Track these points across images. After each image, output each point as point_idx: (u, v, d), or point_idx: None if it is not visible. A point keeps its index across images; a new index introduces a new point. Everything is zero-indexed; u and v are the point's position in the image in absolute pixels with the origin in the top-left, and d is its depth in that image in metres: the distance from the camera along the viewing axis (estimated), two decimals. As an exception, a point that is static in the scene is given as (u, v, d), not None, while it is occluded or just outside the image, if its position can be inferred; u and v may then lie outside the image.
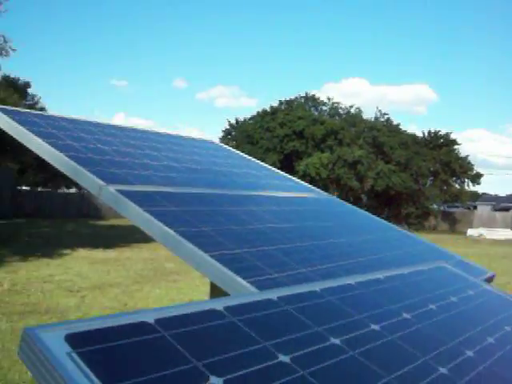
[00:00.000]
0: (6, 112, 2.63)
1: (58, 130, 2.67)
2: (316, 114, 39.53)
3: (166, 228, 1.87)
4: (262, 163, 3.88)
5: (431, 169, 38.61)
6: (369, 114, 58.69)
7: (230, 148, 3.91)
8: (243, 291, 1.65)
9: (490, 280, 2.59)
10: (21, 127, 2.46)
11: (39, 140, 2.38)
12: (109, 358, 0.82)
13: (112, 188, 2.09)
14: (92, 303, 8.87)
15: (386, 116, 39.89)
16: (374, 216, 3.35)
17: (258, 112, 41.14)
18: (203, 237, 1.92)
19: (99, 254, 15.02)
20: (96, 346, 0.83)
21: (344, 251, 2.30)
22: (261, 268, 1.85)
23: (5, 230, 19.95)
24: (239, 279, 1.69)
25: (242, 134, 40.15)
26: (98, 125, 3.08)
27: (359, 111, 39.98)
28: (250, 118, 41.61)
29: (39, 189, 33.85)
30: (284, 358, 1.00)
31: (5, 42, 14.56)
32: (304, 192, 3.44)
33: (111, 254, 15.00)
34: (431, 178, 39.29)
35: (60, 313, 8.08)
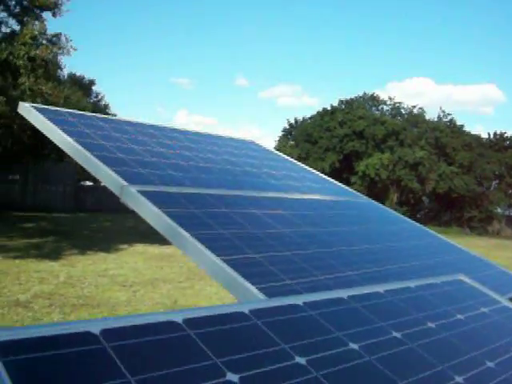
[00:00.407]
0: (40, 110, 2.69)
1: (92, 128, 2.70)
2: (377, 113, 38.95)
3: (180, 230, 1.86)
4: (302, 166, 3.82)
5: (496, 172, 37.39)
6: (433, 115, 57.40)
7: (270, 148, 3.87)
8: (251, 298, 1.62)
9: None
10: (51, 125, 2.50)
11: (66, 137, 2.41)
12: (35, 368, 0.78)
13: (133, 188, 2.09)
14: (143, 298, 9.02)
15: (449, 116, 38.93)
16: (408, 219, 3.25)
17: (318, 111, 40.91)
18: (218, 240, 1.90)
19: (155, 249, 15.27)
20: (23, 356, 0.80)
21: (366, 258, 2.24)
22: (275, 274, 1.82)
23: (67, 224, 20.57)
24: (248, 285, 1.66)
25: (301, 134, 40.02)
26: (134, 124, 3.10)
27: (422, 111, 39.15)
28: (310, 118, 41.42)
29: (102, 184, 34.68)
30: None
31: (66, 41, 14.99)
32: (342, 195, 3.37)
33: (167, 250, 15.21)
34: (496, 182, 38.04)
35: (111, 306, 8.26)
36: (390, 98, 39.95)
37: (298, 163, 3.88)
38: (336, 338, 1.15)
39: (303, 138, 39.20)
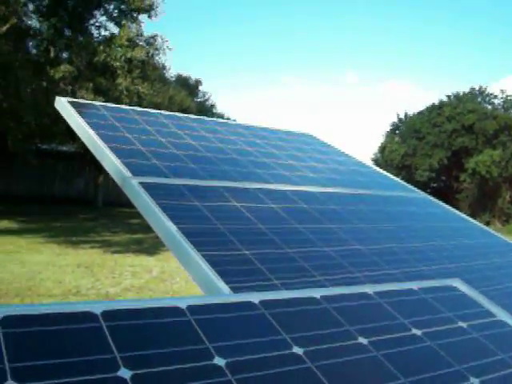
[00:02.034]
0: (72, 104, 2.68)
1: (121, 122, 2.66)
2: (488, 107, 37.04)
3: (168, 223, 1.76)
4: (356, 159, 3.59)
5: None
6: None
7: (327, 142, 3.67)
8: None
9: None
10: (77, 117, 2.49)
11: (88, 129, 2.38)
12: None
13: (135, 181, 2.02)
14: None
15: None
16: (470, 219, 2.96)
17: (427, 106, 39.58)
18: (208, 235, 1.78)
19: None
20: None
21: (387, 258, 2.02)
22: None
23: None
24: (222, 284, 1.52)
25: (408, 129, 38.88)
26: (172, 117, 3.04)
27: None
28: (418, 113, 40.16)
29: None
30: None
31: (162, 41, 15.42)
32: (395, 190, 3.13)
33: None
34: None
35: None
36: (502, 91, 37.89)
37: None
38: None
39: (410, 134, 38.06)
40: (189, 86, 34.96)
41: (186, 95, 30.04)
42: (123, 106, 2.95)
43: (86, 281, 9.50)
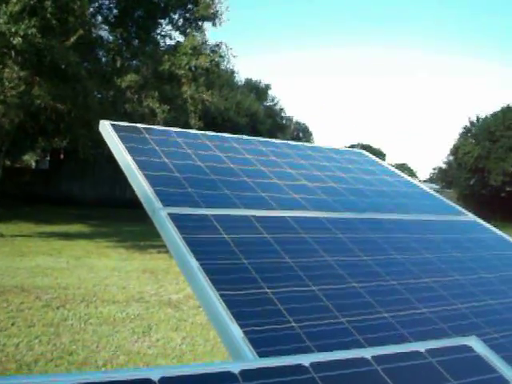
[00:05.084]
0: (114, 127, 2.71)
1: (161, 145, 2.67)
2: None
3: (188, 258, 1.74)
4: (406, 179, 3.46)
5: None
6: None
7: (379, 161, 3.56)
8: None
9: None
10: (116, 140, 2.51)
11: (126, 155, 2.40)
12: None
13: (164, 212, 2.01)
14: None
15: None
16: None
17: (502, 107, 38.22)
18: (230, 272, 1.75)
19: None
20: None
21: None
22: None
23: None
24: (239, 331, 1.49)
25: (482, 131, 37.66)
26: (215, 138, 3.02)
27: None
28: (492, 115, 38.83)
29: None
30: None
31: (227, 49, 15.57)
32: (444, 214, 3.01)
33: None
34: None
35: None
36: None
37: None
38: None
39: (484, 137, 36.83)
40: (258, 91, 35.12)
41: (254, 100, 30.18)
42: (166, 128, 2.96)
43: (150, 287, 9.68)
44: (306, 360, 1.01)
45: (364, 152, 3.57)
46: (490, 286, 2.23)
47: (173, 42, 15.51)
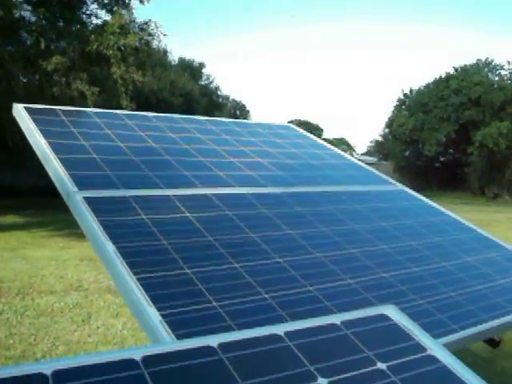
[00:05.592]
0: (29, 110, 2.58)
1: (78, 126, 2.56)
2: (496, 79, 36.47)
3: (104, 242, 1.66)
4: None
5: None
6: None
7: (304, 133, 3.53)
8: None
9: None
10: (30, 124, 2.39)
11: (38, 137, 2.28)
12: None
13: (79, 195, 1.92)
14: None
15: None
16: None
17: (434, 79, 39.11)
18: (151, 254, 1.68)
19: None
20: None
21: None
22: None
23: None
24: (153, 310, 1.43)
25: (415, 103, 38.47)
26: (136, 117, 2.92)
27: (545, 74, 36.11)
28: (425, 87, 39.71)
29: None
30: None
31: (156, 27, 15.22)
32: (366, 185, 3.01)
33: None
34: None
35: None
36: (509, 62, 37.21)
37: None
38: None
39: (418, 108, 37.66)
40: (192, 70, 34.67)
41: (189, 79, 29.78)
42: (83, 109, 2.84)
43: (89, 275, 9.46)
44: (214, 341, 0.96)
45: (292, 126, 3.54)
46: (415, 254, 2.25)
47: (99, 21, 15.11)
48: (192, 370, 0.89)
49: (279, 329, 1.03)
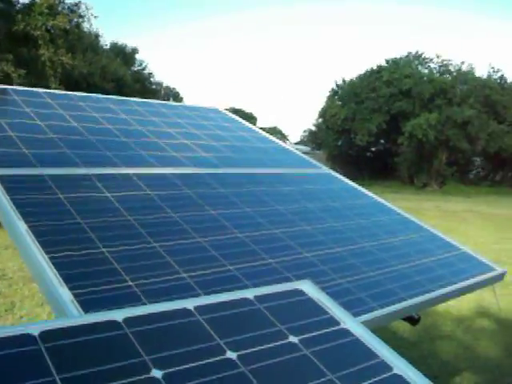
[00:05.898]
0: None
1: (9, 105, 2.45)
2: (425, 71, 37.49)
3: (16, 221, 1.59)
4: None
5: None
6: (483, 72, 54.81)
7: (233, 116, 3.52)
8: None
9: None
10: None
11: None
12: None
13: (-9, 173, 1.83)
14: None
15: (499, 73, 37.07)
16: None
17: (366, 71, 39.79)
18: (65, 233, 1.62)
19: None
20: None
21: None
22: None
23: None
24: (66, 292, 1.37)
25: (348, 94, 39.04)
26: (58, 96, 2.82)
27: (471, 68, 37.41)
28: (357, 78, 40.36)
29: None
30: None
31: (87, 9, 14.81)
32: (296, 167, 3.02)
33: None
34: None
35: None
36: (438, 56, 38.35)
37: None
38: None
39: (350, 99, 38.26)
40: (124, 55, 33.96)
41: (121, 64, 29.16)
42: (2, 86, 2.72)
43: (13, 263, 9.15)
44: (119, 315, 0.93)
45: (220, 109, 3.51)
46: (338, 235, 2.27)
47: (27, 1, 14.50)
48: (95, 344, 0.85)
49: (189, 303, 1.01)
